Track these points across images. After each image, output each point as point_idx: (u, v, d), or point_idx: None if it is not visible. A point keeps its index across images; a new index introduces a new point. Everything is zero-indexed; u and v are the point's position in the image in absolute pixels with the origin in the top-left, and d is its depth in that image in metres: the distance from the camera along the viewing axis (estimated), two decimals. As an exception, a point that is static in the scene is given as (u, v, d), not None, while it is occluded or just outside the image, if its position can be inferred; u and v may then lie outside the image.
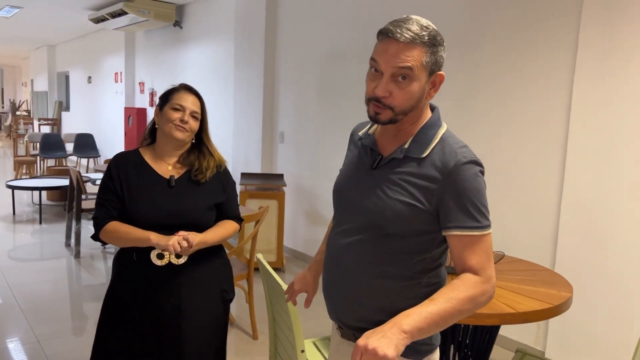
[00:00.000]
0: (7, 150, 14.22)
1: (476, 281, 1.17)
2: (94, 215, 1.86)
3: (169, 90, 1.94)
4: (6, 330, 3.30)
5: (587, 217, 2.90)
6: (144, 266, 1.84)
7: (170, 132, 1.87)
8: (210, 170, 1.94)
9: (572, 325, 2.98)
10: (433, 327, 1.13)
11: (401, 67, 1.16)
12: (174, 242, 1.75)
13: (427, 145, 1.23)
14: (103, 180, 1.89)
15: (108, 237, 1.83)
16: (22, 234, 5.68)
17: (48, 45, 13.52)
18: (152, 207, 1.83)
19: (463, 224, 1.19)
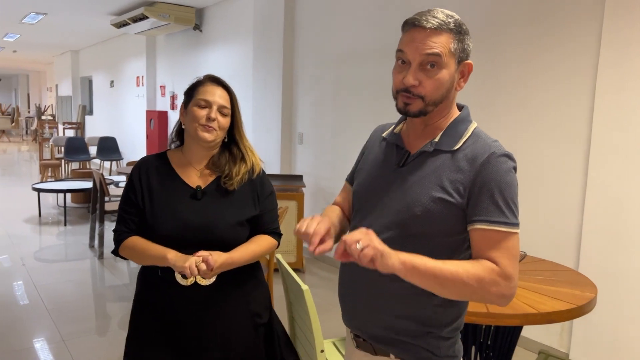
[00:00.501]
0: (33, 154, 14.54)
1: (492, 268, 1.10)
2: (114, 228, 1.67)
3: (193, 83, 1.70)
4: (32, 329, 3.38)
5: (612, 216, 2.84)
6: (168, 284, 1.63)
7: (197, 133, 1.62)
8: (240, 176, 1.67)
9: (597, 326, 2.92)
10: (429, 279, 1.08)
11: (429, 54, 1.13)
12: (191, 264, 1.50)
13: (459, 138, 1.19)
14: (125, 189, 1.69)
15: (127, 254, 1.64)
16: (47, 235, 5.81)
17: (72, 50, 13.79)
18: (172, 220, 1.60)
19: (489, 217, 1.12)
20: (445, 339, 1.23)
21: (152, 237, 1.60)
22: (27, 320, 3.52)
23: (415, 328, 1.22)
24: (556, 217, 3.14)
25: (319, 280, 4.56)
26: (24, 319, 3.52)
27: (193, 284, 1.62)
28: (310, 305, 1.82)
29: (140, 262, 1.63)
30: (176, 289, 1.62)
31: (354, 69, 4.63)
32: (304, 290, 1.82)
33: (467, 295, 1.11)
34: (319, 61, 5.05)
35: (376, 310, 1.24)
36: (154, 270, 1.65)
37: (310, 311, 1.82)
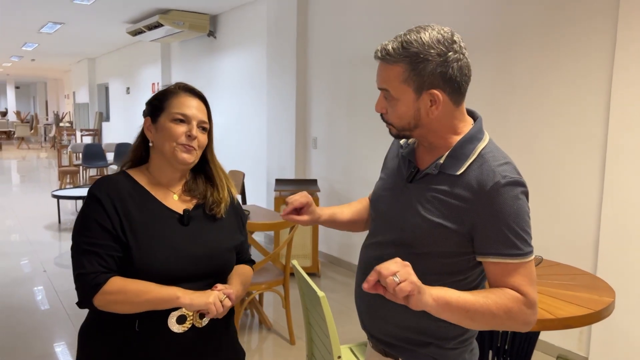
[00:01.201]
0: (52, 160, 14.78)
1: (518, 297, 1.09)
2: (81, 270, 1.26)
3: (162, 92, 1.42)
4: (53, 334, 3.44)
5: (629, 218, 2.81)
6: (151, 337, 1.31)
7: (174, 154, 1.35)
8: (224, 203, 1.45)
9: (616, 330, 2.89)
10: (461, 314, 1.06)
11: (380, 88, 1.18)
12: (215, 300, 1.27)
13: (463, 161, 1.15)
14: (88, 215, 1.30)
15: (110, 301, 1.25)
16: (67, 241, 5.90)
17: (88, 58, 14.01)
18: (170, 252, 1.32)
19: (501, 251, 1.10)
20: (451, 350, 1.23)
21: (139, 276, 1.28)
22: (48, 325, 3.58)
23: (419, 338, 1.23)
24: (573, 221, 3.11)
25: (335, 285, 4.57)
26: (45, 324, 3.59)
27: (189, 328, 1.34)
28: (327, 312, 1.84)
29: (131, 309, 1.27)
30: (162, 339, 1.31)
31: (367, 73, 4.64)
32: (320, 297, 1.84)
33: (495, 325, 1.10)
34: (332, 65, 5.08)
35: (380, 318, 1.27)
36: (123, 324, 1.30)
37: (327, 318, 1.84)
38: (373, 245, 1.30)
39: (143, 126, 1.42)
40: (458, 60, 1.12)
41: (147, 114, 1.42)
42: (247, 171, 6.33)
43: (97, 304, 1.26)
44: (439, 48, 1.10)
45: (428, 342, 1.22)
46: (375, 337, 1.31)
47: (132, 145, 1.45)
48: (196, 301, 1.26)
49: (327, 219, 1.41)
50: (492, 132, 3.49)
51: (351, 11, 4.79)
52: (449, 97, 1.15)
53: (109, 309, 1.27)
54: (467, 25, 3.63)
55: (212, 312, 1.27)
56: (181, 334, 1.32)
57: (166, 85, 1.45)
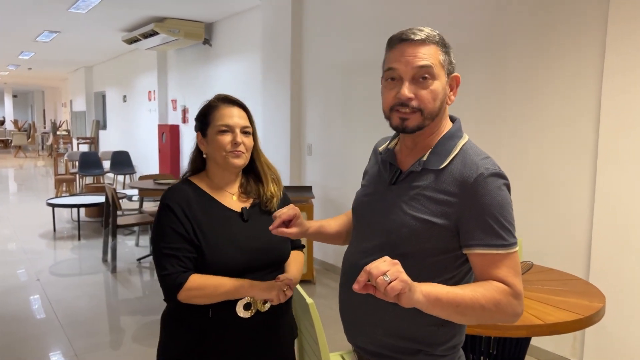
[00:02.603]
0: (49, 169, 14.77)
1: (505, 290, 1.09)
2: (164, 271, 1.45)
3: (205, 108, 1.59)
4: (46, 344, 3.42)
5: (622, 223, 2.81)
6: (222, 323, 1.51)
7: (227, 161, 1.53)
8: (276, 197, 1.63)
9: (609, 335, 2.88)
10: (451, 308, 1.05)
11: (422, 66, 1.13)
12: (279, 292, 1.47)
13: (445, 156, 1.18)
14: (163, 224, 1.49)
15: (191, 296, 1.44)
16: (62, 250, 5.89)
17: (85, 66, 14.03)
18: (236, 248, 1.50)
19: (486, 241, 1.11)
20: (439, 357, 1.22)
21: (212, 271, 1.47)
22: (41, 335, 3.57)
23: (407, 346, 1.22)
24: (565, 226, 3.12)
25: (330, 292, 4.56)
26: (38, 334, 3.57)
27: (255, 313, 1.52)
28: (316, 319, 1.83)
29: (209, 301, 1.47)
30: (231, 324, 1.51)
31: (362, 80, 4.65)
32: (309, 304, 1.83)
33: (484, 319, 1.10)
34: (327, 73, 5.09)
35: (368, 328, 1.25)
36: (200, 312, 1.49)
37: (316, 325, 1.83)
38: (359, 253, 1.28)
39: (197, 140, 1.61)
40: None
41: (197, 129, 1.60)
42: (243, 178, 6.32)
43: (181, 299, 1.45)
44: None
45: (417, 350, 1.21)
46: (362, 348, 1.29)
47: (190, 156, 1.64)
48: (263, 292, 1.47)
49: (314, 231, 1.43)
50: (483, 136, 3.50)
51: (346, 19, 4.81)
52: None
53: (191, 302, 1.46)
54: (459, 31, 3.64)
55: (277, 301, 1.46)
56: (248, 318, 1.51)
57: (207, 100, 1.60)
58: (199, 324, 1.51)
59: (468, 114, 3.60)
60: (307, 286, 4.66)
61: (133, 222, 5.37)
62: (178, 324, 1.54)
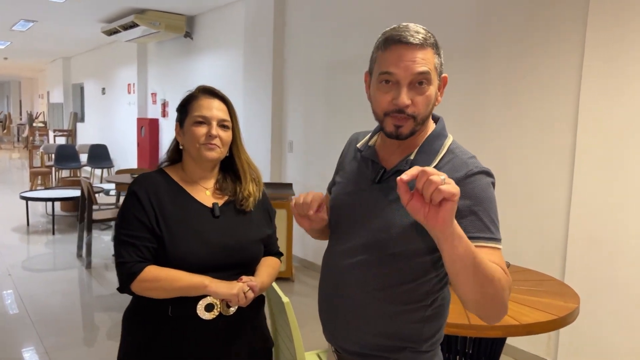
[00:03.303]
0: (24, 161, 14.45)
1: (504, 274, 1.04)
2: (120, 259, 1.40)
3: (186, 98, 1.53)
4: (15, 341, 3.34)
5: (597, 225, 2.85)
6: (183, 323, 1.42)
7: (200, 153, 1.47)
8: (253, 197, 1.56)
9: (583, 335, 2.92)
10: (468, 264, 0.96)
11: (420, 72, 1.10)
12: (239, 291, 1.39)
13: (434, 155, 1.16)
14: (127, 210, 1.43)
15: (145, 288, 1.38)
16: (35, 244, 5.76)
17: (63, 57, 13.76)
18: (201, 243, 1.43)
19: (476, 234, 1.08)
20: (424, 353, 1.22)
21: (173, 265, 1.40)
22: (11, 331, 3.48)
23: (393, 344, 1.20)
24: (542, 227, 3.14)
25: (309, 289, 4.54)
26: (8, 330, 3.48)
27: (217, 316, 1.43)
28: (292, 318, 1.81)
29: (165, 295, 1.39)
30: (193, 325, 1.42)
31: (344, 77, 4.64)
32: (284, 302, 1.81)
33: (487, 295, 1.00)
34: (309, 69, 5.06)
35: (356, 328, 1.23)
36: (159, 309, 1.42)
37: (292, 324, 1.81)
38: (342, 253, 1.24)
39: (175, 131, 1.55)
40: None
41: (177, 119, 1.54)
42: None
43: (134, 290, 1.39)
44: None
45: (403, 347, 1.20)
46: (344, 348, 1.26)
47: (169, 147, 1.59)
48: (221, 290, 1.39)
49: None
50: (464, 137, 3.51)
51: (329, 16, 4.79)
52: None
53: (145, 294, 1.40)
54: (442, 33, 3.65)
55: (235, 302, 1.39)
56: (210, 321, 1.43)
57: (190, 90, 1.55)
58: (158, 322, 1.43)
59: (449, 115, 3.61)
60: (286, 284, 4.64)
61: (109, 216, 5.27)
62: (137, 322, 1.48)
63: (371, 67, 1.21)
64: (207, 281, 1.39)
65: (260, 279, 1.49)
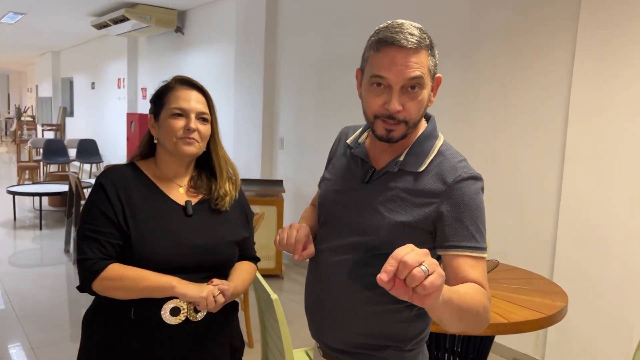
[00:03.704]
0: (12, 155, 14.30)
1: (484, 293, 1.05)
2: (82, 255, 1.30)
3: (161, 89, 1.43)
4: (1, 337, 3.29)
5: (586, 224, 2.86)
6: (146, 327, 1.32)
7: (177, 148, 1.37)
8: (229, 196, 1.47)
9: (571, 334, 2.94)
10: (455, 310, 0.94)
11: (413, 78, 1.06)
12: (208, 295, 1.28)
13: (424, 158, 1.14)
14: (92, 203, 1.33)
15: (107, 287, 1.28)
16: (22, 239, 5.69)
17: (52, 51, 13.61)
18: (171, 242, 1.33)
19: (461, 243, 1.08)
20: (408, 351, 1.22)
21: (139, 264, 1.30)
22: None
23: (377, 343, 1.20)
24: (531, 226, 3.16)
25: (298, 287, 4.53)
26: (-6, 326, 3.44)
27: (183, 321, 1.34)
28: (280, 315, 1.80)
29: (128, 295, 1.29)
30: (157, 330, 1.32)
31: (335, 74, 4.62)
32: (273, 299, 1.80)
33: (472, 325, 1.02)
34: (300, 66, 5.04)
35: (342, 327, 1.22)
36: (122, 311, 1.32)
37: (280, 321, 1.80)
38: (329, 251, 1.23)
39: (148, 123, 1.44)
40: None
41: (150, 111, 1.44)
42: (213, 170, 6.23)
43: (96, 289, 1.29)
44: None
45: (386, 345, 1.19)
46: (329, 345, 1.26)
47: (141, 140, 1.47)
48: (190, 292, 1.28)
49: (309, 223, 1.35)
50: (456, 136, 3.52)
51: (320, 11, 4.77)
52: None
53: (107, 294, 1.30)
54: (433, 31, 3.64)
55: (203, 306, 1.28)
56: (175, 326, 1.33)
57: (165, 80, 1.44)
58: (121, 325, 1.33)
59: (439, 115, 3.61)
60: (275, 280, 4.62)
61: (98, 212, 5.21)
62: (99, 324, 1.37)
63: (363, 65, 1.18)
64: (175, 282, 1.28)
65: (233, 283, 1.38)
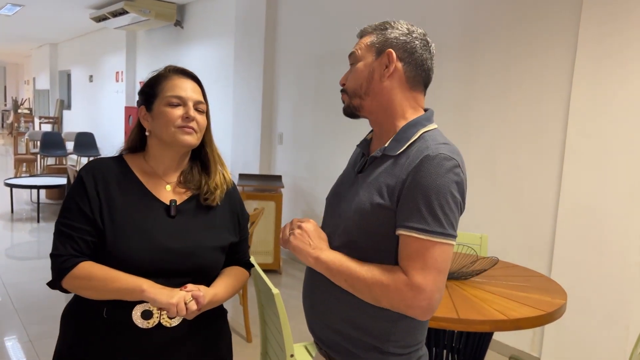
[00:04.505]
0: (9, 148, 14.23)
1: (398, 277, 1.06)
2: (54, 251, 1.25)
3: (154, 78, 1.35)
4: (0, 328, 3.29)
5: (584, 222, 2.87)
6: (117, 328, 1.26)
7: (176, 138, 1.30)
8: (220, 190, 1.39)
9: (568, 331, 2.95)
10: (337, 277, 1.15)
11: (349, 56, 1.25)
12: (179, 301, 1.20)
13: (404, 142, 1.17)
14: (70, 197, 1.28)
15: (76, 286, 1.24)
16: (19, 232, 5.68)
17: (50, 43, 13.55)
18: (145, 243, 1.26)
19: (408, 223, 1.06)
20: (395, 355, 1.19)
21: (112, 264, 1.24)
22: (-6, 319, 3.43)
23: (361, 338, 1.19)
24: (530, 224, 3.17)
25: (296, 282, 4.54)
26: (-9, 319, 3.44)
27: (155, 326, 1.27)
28: (281, 309, 1.80)
29: (96, 295, 1.24)
30: (128, 333, 1.26)
31: (335, 70, 4.62)
32: (274, 294, 1.80)
33: (376, 299, 1.10)
34: (300, 61, 5.03)
35: (321, 314, 1.25)
36: (95, 310, 1.27)
37: (281, 315, 1.80)
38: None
39: (139, 115, 1.36)
40: (423, 47, 1.21)
41: (141, 103, 1.36)
42: (211, 165, 6.23)
43: (66, 287, 1.26)
44: (409, 28, 1.22)
45: (371, 346, 1.18)
46: (319, 338, 1.29)
47: (130, 134, 1.40)
48: (159, 298, 1.19)
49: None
50: (455, 134, 3.52)
51: (320, 7, 4.76)
52: (405, 70, 1.19)
53: (77, 292, 1.27)
54: (432, 26, 3.65)
55: (173, 312, 1.19)
56: (146, 330, 1.26)
57: (156, 70, 1.38)
58: (93, 324, 1.28)
59: (439, 112, 3.61)
60: (274, 276, 4.63)
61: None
62: (73, 321, 1.33)
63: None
64: (146, 285, 1.20)
65: (213, 290, 1.29)
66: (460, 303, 1.93)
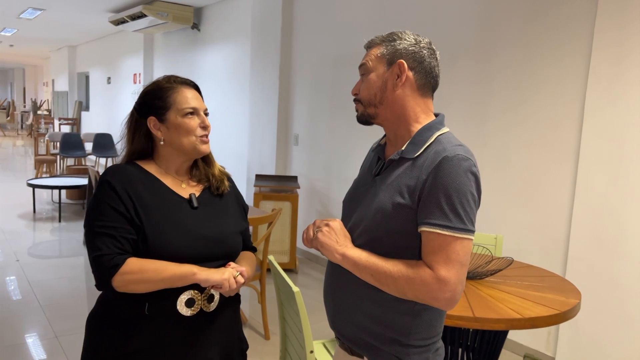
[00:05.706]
0: (28, 148, 14.51)
1: (424, 270, 1.13)
2: (97, 252, 1.28)
3: (158, 90, 1.43)
4: (25, 325, 3.40)
5: (599, 223, 2.89)
6: (161, 321, 1.34)
7: (195, 147, 1.41)
8: (225, 177, 1.55)
9: (583, 331, 2.97)
10: (364, 272, 1.20)
11: (360, 67, 1.31)
12: (229, 277, 1.33)
13: (421, 145, 1.23)
14: (100, 201, 1.33)
15: (129, 281, 1.28)
16: (41, 231, 5.82)
17: (69, 46, 13.77)
18: (183, 234, 1.36)
19: (431, 220, 1.13)
20: (415, 347, 1.25)
21: (154, 257, 1.32)
22: (20, 316, 3.54)
23: (382, 332, 1.25)
24: (545, 224, 3.19)
25: (312, 281, 4.60)
26: (17, 315, 3.55)
27: (197, 312, 1.37)
28: (301, 307, 1.86)
29: (149, 288, 1.30)
30: (173, 322, 1.35)
31: (350, 71, 4.67)
32: (294, 292, 1.86)
33: (402, 292, 1.16)
34: (315, 64, 5.09)
35: (346, 311, 1.30)
36: (135, 308, 1.33)
37: (301, 313, 1.86)
38: None
39: (148, 126, 1.42)
40: (431, 55, 1.27)
41: (149, 113, 1.42)
42: (228, 166, 6.31)
43: (116, 285, 1.28)
44: (416, 38, 1.28)
45: (392, 339, 1.24)
46: (342, 333, 1.34)
47: (133, 143, 1.45)
48: (212, 277, 1.31)
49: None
50: (470, 137, 3.55)
51: (336, 10, 4.81)
52: (415, 79, 1.26)
53: (127, 289, 1.29)
54: (447, 32, 3.68)
55: (225, 287, 1.32)
56: (189, 317, 1.36)
57: (155, 82, 1.46)
58: (133, 322, 1.34)
59: (454, 114, 3.65)
60: (290, 275, 4.69)
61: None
62: (107, 326, 1.37)
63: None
64: (196, 269, 1.31)
65: (246, 268, 1.44)
66: (475, 302, 1.97)
